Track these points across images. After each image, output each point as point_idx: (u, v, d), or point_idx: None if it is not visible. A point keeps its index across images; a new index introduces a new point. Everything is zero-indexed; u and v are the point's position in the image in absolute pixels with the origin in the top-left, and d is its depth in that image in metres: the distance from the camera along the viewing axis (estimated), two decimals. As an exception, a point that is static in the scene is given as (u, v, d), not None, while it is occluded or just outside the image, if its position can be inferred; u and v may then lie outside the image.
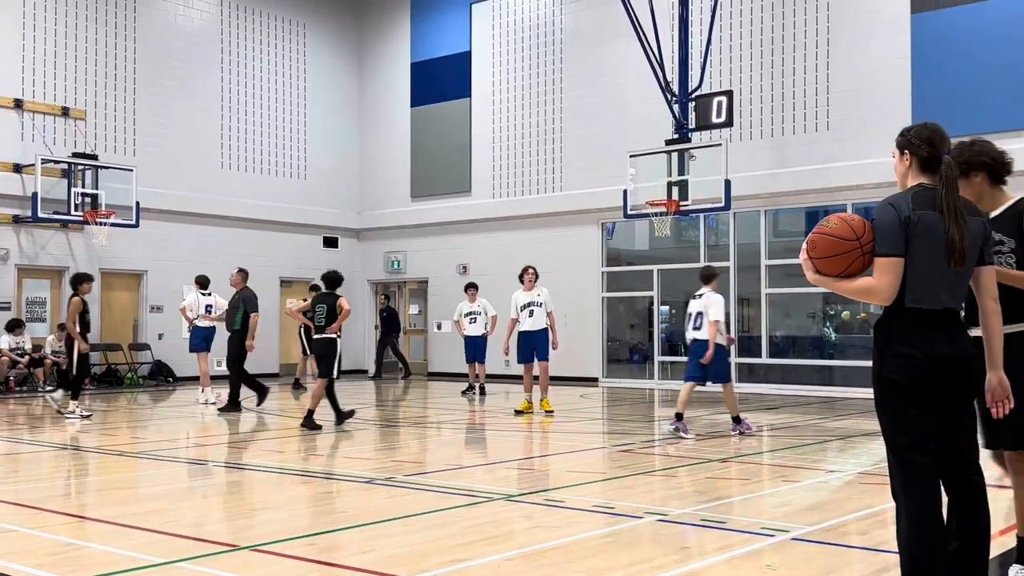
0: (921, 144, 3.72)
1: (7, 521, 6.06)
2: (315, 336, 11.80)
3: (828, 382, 16.89)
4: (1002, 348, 3.75)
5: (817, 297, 17.49)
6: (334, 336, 11.49)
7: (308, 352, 17.23)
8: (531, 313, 13.21)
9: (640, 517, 6.11)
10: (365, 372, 23.21)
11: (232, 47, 21.32)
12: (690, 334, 10.48)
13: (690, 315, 10.52)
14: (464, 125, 21.71)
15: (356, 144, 23.63)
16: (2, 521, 6.06)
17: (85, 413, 12.66)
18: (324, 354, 11.50)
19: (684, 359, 19.91)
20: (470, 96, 21.65)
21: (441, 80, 22.11)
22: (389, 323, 21.32)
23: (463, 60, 21.82)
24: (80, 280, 12.76)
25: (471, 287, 16.54)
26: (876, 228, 3.63)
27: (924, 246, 3.57)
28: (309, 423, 11.19)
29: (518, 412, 13.02)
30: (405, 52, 22.89)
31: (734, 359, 17.81)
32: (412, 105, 22.69)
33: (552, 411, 13.02)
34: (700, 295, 10.50)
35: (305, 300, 18.06)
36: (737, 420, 10.71)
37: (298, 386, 17.98)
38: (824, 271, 3.69)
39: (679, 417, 10.36)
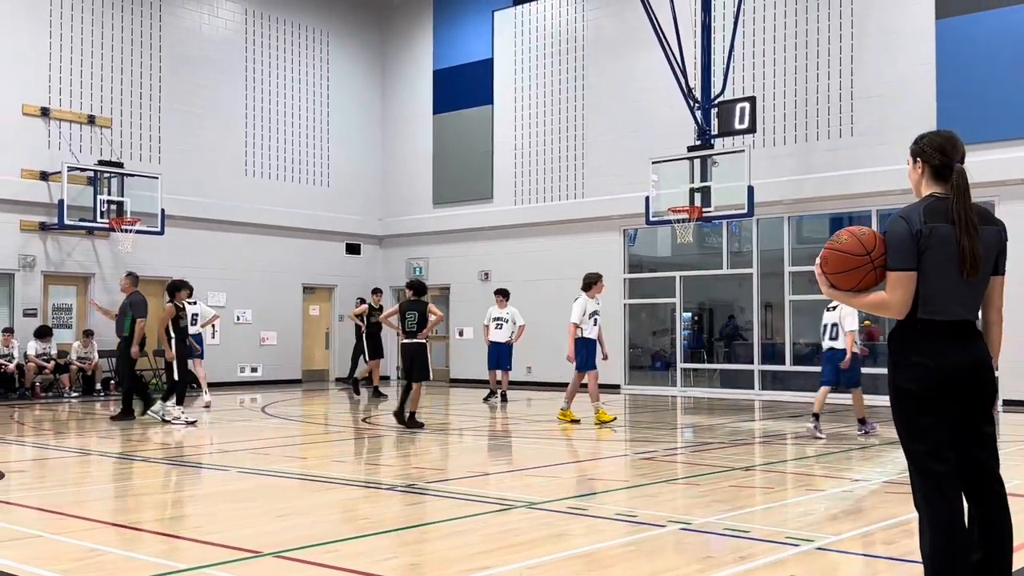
0: (933, 152, 3.71)
1: (32, 526, 6.11)
2: (405, 341, 12.30)
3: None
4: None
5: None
6: (424, 341, 12.18)
7: (370, 357, 17.16)
8: (596, 322, 12.92)
9: (663, 526, 6.07)
10: (387, 378, 23.25)
11: (256, 56, 21.48)
12: (826, 343, 11.33)
13: (825, 326, 11.34)
14: (486, 132, 21.75)
15: (379, 151, 23.72)
16: (27, 526, 6.11)
17: (190, 419, 12.66)
18: (417, 358, 12.10)
19: (707, 366, 19.98)
20: (492, 103, 21.69)
21: (463, 87, 22.17)
22: (358, 329, 20.96)
23: (485, 67, 21.87)
24: (177, 288, 12.78)
25: (500, 293, 16.51)
26: (888, 242, 3.63)
27: (937, 258, 3.56)
28: (413, 422, 11.93)
29: (602, 422, 12.50)
30: (427, 60, 22.97)
31: (757, 366, 17.72)
32: (434, 112, 22.76)
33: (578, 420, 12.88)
34: (833, 307, 11.18)
35: (363, 303, 18.08)
36: (863, 422, 11.30)
37: (378, 394, 17.29)
38: (837, 285, 3.71)
39: (816, 417, 11.05)
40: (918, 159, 3.76)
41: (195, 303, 15.73)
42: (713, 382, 19.10)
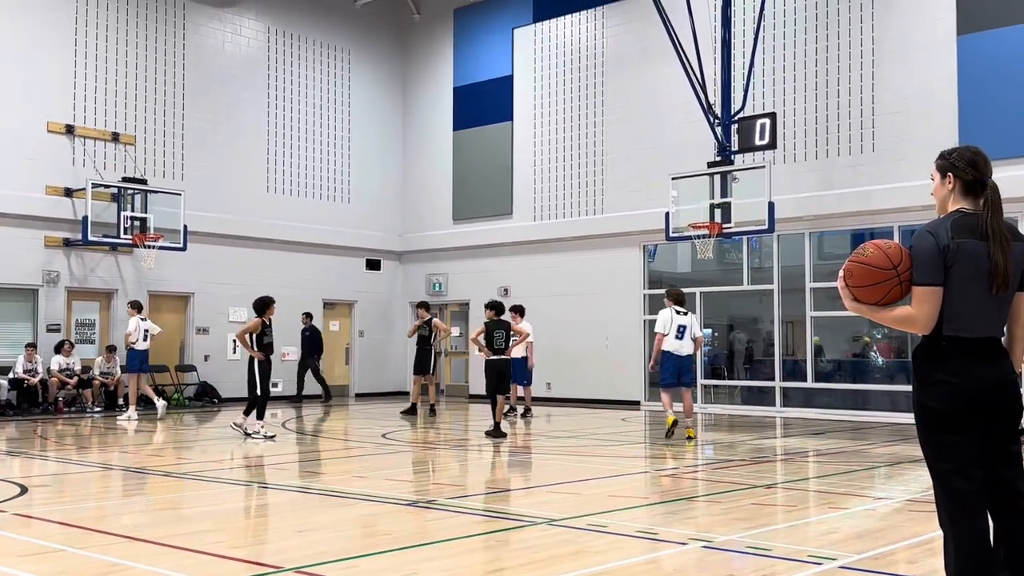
0: (965, 168, 3.68)
1: (56, 540, 6.15)
2: (493, 358, 12.99)
3: (875, 407, 16.60)
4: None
5: (863, 320, 17.24)
6: (509, 358, 13.19)
7: (430, 372, 17.04)
8: (681, 335, 12.49)
9: (684, 543, 6.04)
10: (407, 394, 23.29)
11: (278, 73, 21.67)
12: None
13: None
14: (506, 148, 21.82)
15: (399, 168, 23.84)
16: (51, 540, 6.15)
17: (269, 434, 12.70)
18: (506, 374, 13.16)
19: (727, 383, 19.88)
20: (512, 119, 21.77)
21: (483, 104, 22.27)
22: (310, 344, 20.68)
23: (505, 84, 21.96)
24: (265, 303, 12.77)
25: (514, 310, 16.30)
26: (914, 257, 3.58)
27: (963, 274, 3.52)
28: (497, 433, 12.72)
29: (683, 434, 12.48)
30: (448, 77, 23.09)
31: (778, 383, 17.61)
32: (454, 129, 22.86)
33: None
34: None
35: (420, 318, 17.72)
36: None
37: (433, 411, 17.19)
38: (861, 299, 3.66)
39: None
40: (948, 174, 3.72)
41: (146, 319, 16.27)
42: (734, 399, 19.00)
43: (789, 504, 7.98)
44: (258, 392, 12.70)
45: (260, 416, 12.78)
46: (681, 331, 12.40)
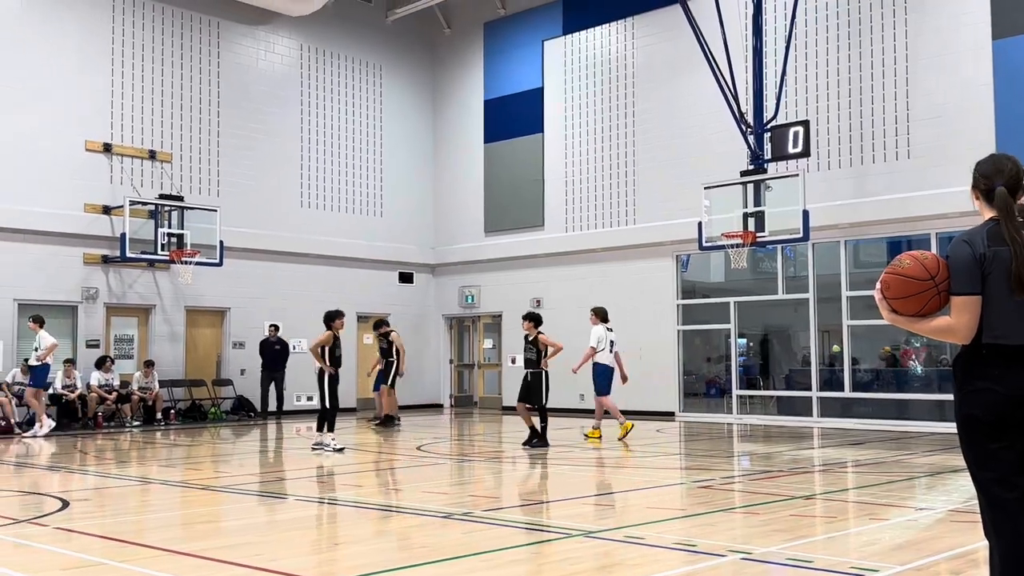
0: (979, 178, 3.72)
1: (97, 554, 6.21)
2: (529, 370, 13.24)
3: (915, 416, 16.38)
4: None
5: (900, 329, 17.03)
6: (536, 370, 13.20)
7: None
8: (611, 350, 14.52)
9: (723, 555, 5.98)
10: (440, 406, 23.36)
11: (311, 89, 21.88)
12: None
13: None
14: (537, 160, 21.86)
15: (430, 181, 23.96)
16: (92, 554, 6.22)
17: (338, 447, 12.73)
18: (538, 386, 13.22)
19: (764, 393, 19.71)
20: (543, 131, 21.81)
21: (514, 116, 22.33)
22: (279, 356, 19.83)
23: (535, 96, 22.01)
24: (333, 317, 13.04)
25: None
26: (951, 266, 3.58)
27: (1000, 282, 3.51)
28: (539, 441, 13.06)
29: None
30: (478, 90, 23.20)
31: (815, 393, 17.42)
32: (485, 141, 22.94)
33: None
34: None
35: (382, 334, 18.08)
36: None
37: (387, 422, 17.27)
38: (899, 311, 3.65)
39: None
40: (973, 187, 3.77)
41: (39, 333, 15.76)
42: (770, 409, 18.84)
43: (829, 515, 7.88)
44: (327, 405, 12.82)
45: (330, 428, 12.85)
46: (612, 346, 14.37)
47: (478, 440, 15.99)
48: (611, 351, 14.32)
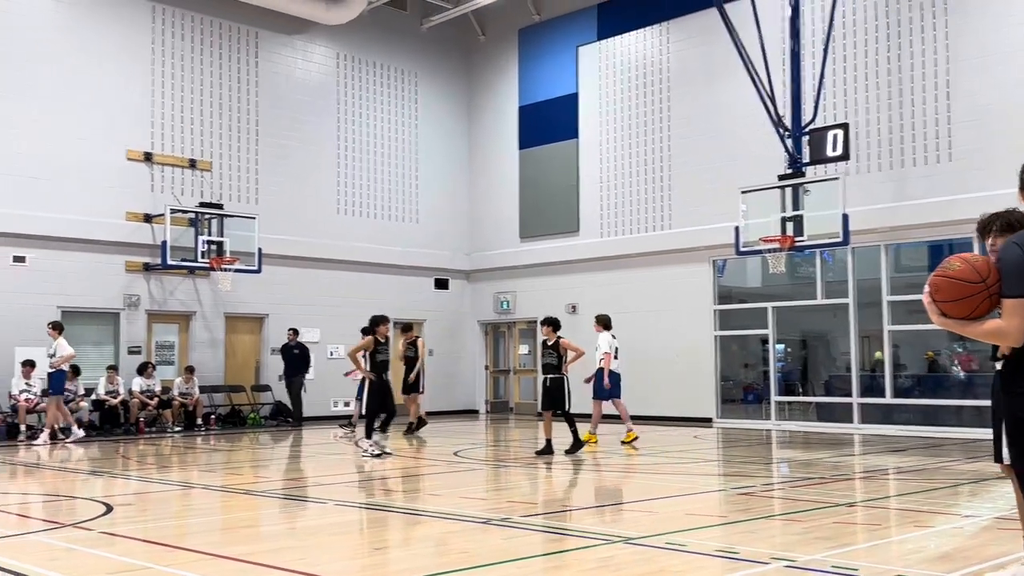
0: None
1: (140, 558, 6.29)
2: (549, 375, 13.22)
3: (957, 423, 16.11)
4: None
5: (943, 334, 16.79)
6: (556, 376, 13.14)
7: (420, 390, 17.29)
8: (617, 355, 14.85)
9: (766, 563, 5.93)
10: (476, 412, 23.38)
11: (347, 97, 22.05)
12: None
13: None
14: (572, 165, 21.84)
15: (466, 187, 24.03)
16: (136, 558, 6.30)
17: (376, 452, 12.63)
18: (561, 391, 13.13)
19: (803, 399, 19.51)
20: (577, 137, 21.79)
21: (549, 122, 22.34)
22: (299, 361, 19.53)
23: (570, 102, 22.01)
24: (376, 322, 13.06)
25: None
26: (1003, 268, 3.54)
27: None
28: (572, 448, 13.01)
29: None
30: (513, 96, 23.24)
31: (856, 399, 17.21)
32: (520, 147, 22.97)
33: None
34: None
35: (406, 339, 17.90)
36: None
37: (414, 428, 17.36)
38: (949, 314, 3.60)
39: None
40: (1020, 189, 3.81)
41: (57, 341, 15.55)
42: (809, 416, 18.64)
43: (872, 523, 7.78)
44: (374, 408, 12.79)
45: (367, 435, 12.81)
46: (616, 352, 14.65)
47: (514, 446, 15.98)
48: (615, 357, 14.66)
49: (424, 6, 23.19)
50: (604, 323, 14.90)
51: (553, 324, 13.37)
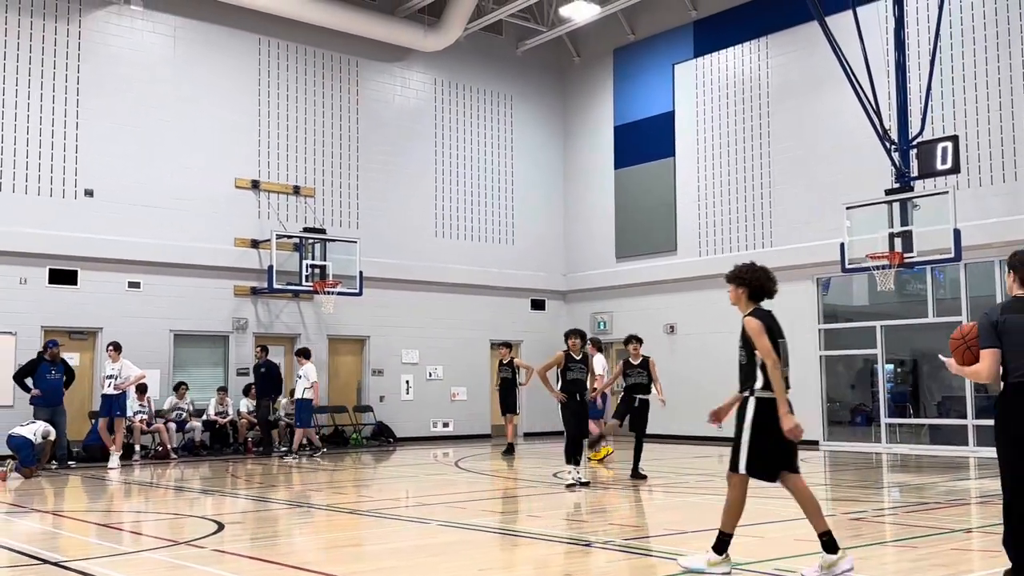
0: (1019, 266, 5.40)
1: (251, 575, 6.43)
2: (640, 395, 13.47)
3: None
4: None
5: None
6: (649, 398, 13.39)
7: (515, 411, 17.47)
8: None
9: (880, 591, 5.71)
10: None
11: (444, 122, 22.38)
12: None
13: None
14: (668, 184, 21.66)
15: (561, 208, 24.07)
16: (245, 575, 6.44)
17: (569, 482, 11.55)
18: (646, 413, 13.56)
19: (914, 421, 18.81)
20: (674, 155, 21.61)
21: (644, 141, 22.22)
22: (266, 382, 17.87)
23: (667, 120, 21.85)
24: (566, 336, 11.95)
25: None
26: (979, 329, 5.32)
27: (1013, 339, 5.19)
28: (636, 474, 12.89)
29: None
30: (608, 116, 23.21)
31: (971, 421, 16.50)
32: (616, 167, 22.90)
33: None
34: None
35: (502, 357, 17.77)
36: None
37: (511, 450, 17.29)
38: (956, 361, 5.47)
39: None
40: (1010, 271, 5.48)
41: (118, 362, 15.26)
42: (922, 438, 17.95)
43: (991, 550, 7.41)
44: (574, 434, 11.72)
45: (567, 460, 11.78)
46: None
47: (613, 467, 15.82)
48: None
49: (519, 30, 23.41)
50: (597, 345, 15.73)
51: (640, 342, 13.69)
